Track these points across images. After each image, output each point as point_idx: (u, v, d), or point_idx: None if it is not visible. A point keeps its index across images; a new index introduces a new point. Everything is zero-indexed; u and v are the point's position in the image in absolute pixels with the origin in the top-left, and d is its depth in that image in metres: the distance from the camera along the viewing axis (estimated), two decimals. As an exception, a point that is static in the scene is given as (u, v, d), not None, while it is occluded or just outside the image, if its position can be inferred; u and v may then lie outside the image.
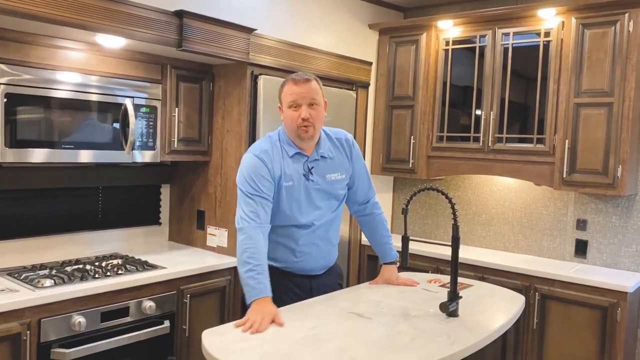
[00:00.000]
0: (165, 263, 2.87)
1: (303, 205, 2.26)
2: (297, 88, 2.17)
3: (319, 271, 2.41)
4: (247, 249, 2.08)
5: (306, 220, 2.28)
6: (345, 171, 2.38)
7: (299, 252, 2.31)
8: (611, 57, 3.11)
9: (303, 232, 2.29)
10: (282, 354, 1.68)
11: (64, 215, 3.00)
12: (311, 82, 2.20)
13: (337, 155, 2.36)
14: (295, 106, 2.18)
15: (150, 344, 2.66)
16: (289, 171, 2.22)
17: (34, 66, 2.45)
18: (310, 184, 2.26)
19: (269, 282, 2.05)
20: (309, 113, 2.17)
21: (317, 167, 2.29)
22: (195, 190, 3.38)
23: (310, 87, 2.18)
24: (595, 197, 3.50)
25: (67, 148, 2.58)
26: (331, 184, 2.32)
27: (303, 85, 2.17)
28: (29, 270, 2.60)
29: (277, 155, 2.22)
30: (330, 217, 2.37)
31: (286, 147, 2.25)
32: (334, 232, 2.44)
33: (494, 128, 3.57)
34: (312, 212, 2.29)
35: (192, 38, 2.71)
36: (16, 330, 2.18)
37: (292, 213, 2.25)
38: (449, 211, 4.13)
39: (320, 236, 2.35)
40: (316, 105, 2.20)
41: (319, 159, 2.30)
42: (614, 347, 3.02)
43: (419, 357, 1.71)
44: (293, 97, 2.18)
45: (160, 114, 2.94)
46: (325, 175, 2.31)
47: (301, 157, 2.26)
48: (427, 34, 3.84)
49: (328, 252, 2.43)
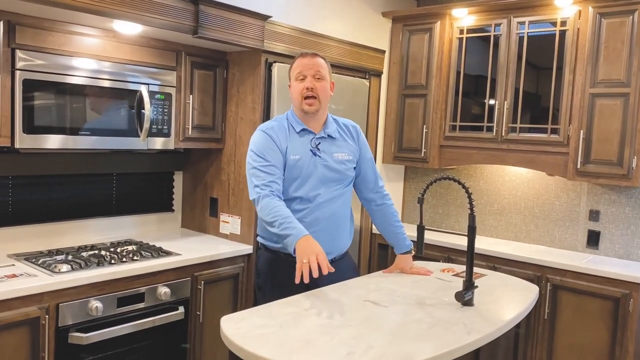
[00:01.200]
0: (180, 250, 2.89)
1: (310, 179, 2.31)
2: (304, 60, 2.29)
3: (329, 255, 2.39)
4: (269, 212, 2.13)
5: (312, 194, 2.31)
6: (352, 153, 2.44)
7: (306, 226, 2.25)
8: (628, 47, 3.08)
9: (308, 206, 2.31)
10: (300, 341, 1.70)
11: (78, 201, 3.02)
12: (318, 57, 2.32)
13: (343, 137, 2.44)
14: (302, 78, 2.28)
15: (165, 329, 2.68)
16: (295, 145, 2.30)
17: (51, 52, 2.45)
18: (317, 159, 2.32)
19: (301, 226, 2.10)
20: (314, 84, 2.27)
21: (324, 144, 2.36)
22: (208, 178, 3.39)
23: (317, 61, 2.30)
24: (609, 188, 3.48)
25: (84, 134, 2.59)
26: (339, 162, 2.38)
27: (310, 59, 2.29)
28: (45, 256, 2.62)
29: (283, 131, 2.31)
30: (334, 195, 2.38)
31: (293, 124, 2.34)
32: (342, 214, 2.43)
33: (507, 118, 3.55)
34: (317, 187, 2.32)
35: (208, 25, 2.71)
36: (35, 314, 2.21)
37: (299, 186, 2.29)
38: (459, 200, 4.13)
39: (325, 214, 2.35)
40: (322, 79, 2.30)
41: (326, 137, 2.37)
42: (626, 338, 3.03)
43: (436, 345, 1.72)
44: (300, 68, 2.28)
45: (175, 101, 2.95)
46: (333, 153, 2.37)
47: (308, 134, 2.34)
48: (441, 22, 3.81)
49: (334, 234, 2.40)
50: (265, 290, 2.42)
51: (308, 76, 2.27)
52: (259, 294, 2.48)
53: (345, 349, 1.65)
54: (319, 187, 2.33)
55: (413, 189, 4.39)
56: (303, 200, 2.31)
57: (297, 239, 2.05)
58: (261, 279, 2.45)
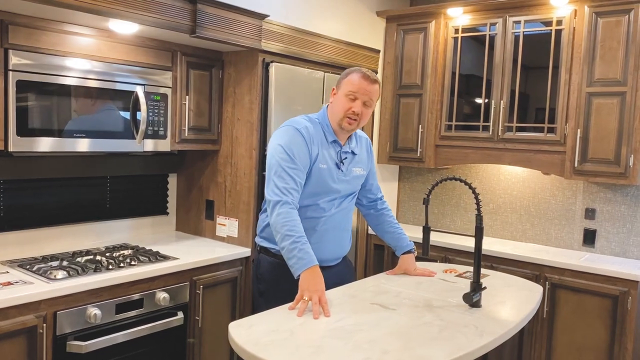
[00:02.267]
0: (177, 254, 2.83)
1: (330, 190, 2.30)
2: (363, 82, 2.22)
3: (333, 261, 2.40)
4: (286, 223, 2.08)
5: (329, 205, 2.32)
6: (365, 168, 2.48)
7: (317, 236, 2.30)
8: (624, 46, 3.10)
9: (324, 215, 2.32)
10: (313, 347, 1.66)
11: (72, 205, 2.94)
12: (377, 85, 2.27)
13: (361, 152, 2.45)
14: (353, 97, 2.22)
15: (165, 335, 2.62)
16: (325, 155, 2.27)
17: (45, 52, 2.37)
18: (340, 173, 2.32)
19: (312, 252, 2.06)
20: (362, 110, 2.23)
21: (348, 158, 2.36)
22: (203, 180, 3.33)
23: (374, 89, 2.26)
24: (604, 187, 3.50)
25: (79, 137, 2.52)
26: (355, 177, 2.41)
27: (370, 84, 2.23)
28: (40, 262, 2.54)
29: (318, 136, 2.26)
30: (346, 206, 2.43)
31: (326, 132, 2.30)
32: (347, 223, 2.48)
33: (503, 117, 3.55)
34: (334, 199, 2.34)
35: (206, 24, 2.65)
36: (32, 323, 2.13)
37: (320, 195, 2.28)
38: (454, 200, 4.12)
39: (337, 223, 2.39)
40: (369, 106, 2.27)
41: (349, 152, 2.37)
42: (625, 336, 3.04)
43: (451, 348, 1.70)
44: (355, 88, 2.22)
45: (171, 102, 2.89)
46: (352, 168, 2.38)
47: (336, 146, 2.32)
48: (436, 21, 3.80)
49: (342, 240, 2.46)
50: (268, 296, 2.36)
51: (359, 99, 2.22)
52: (260, 300, 2.41)
53: (361, 355, 1.62)
54: (335, 199, 2.34)
55: (407, 189, 4.37)
56: (319, 209, 2.30)
57: (306, 267, 2.02)
58: (264, 285, 2.39)
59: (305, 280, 2.00)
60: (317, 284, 1.99)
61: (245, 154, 3.08)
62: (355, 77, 2.23)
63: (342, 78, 2.29)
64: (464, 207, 4.09)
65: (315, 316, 1.88)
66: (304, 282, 2.00)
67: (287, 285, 2.28)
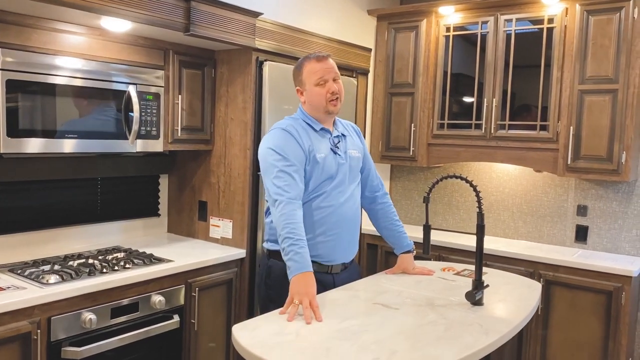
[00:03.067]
0: (171, 256, 2.78)
1: (334, 177, 2.26)
2: (321, 64, 2.23)
3: (342, 260, 2.35)
4: (287, 224, 2.05)
5: (335, 192, 2.26)
6: (359, 150, 2.43)
7: (328, 230, 2.25)
8: (616, 43, 3.12)
9: (333, 204, 2.26)
10: (321, 349, 1.63)
11: (62, 207, 2.87)
12: (330, 58, 2.27)
13: (351, 135, 2.42)
14: (323, 82, 2.22)
15: (161, 339, 2.57)
16: (320, 144, 2.25)
17: (36, 51, 2.31)
18: (338, 158, 2.29)
19: (309, 257, 2.04)
20: (337, 87, 2.24)
21: (341, 142, 2.34)
22: (196, 181, 3.28)
23: (331, 63, 2.26)
24: (596, 183, 3.53)
25: (70, 137, 2.45)
26: (353, 159, 2.36)
27: (326, 62, 2.24)
28: (31, 266, 2.48)
29: (303, 130, 2.24)
30: (354, 196, 2.36)
31: (311, 123, 2.28)
32: (357, 217, 2.39)
33: (496, 115, 3.56)
34: (339, 185, 2.28)
35: (200, 22, 2.61)
36: (26, 329, 2.07)
37: (326, 184, 2.24)
38: (446, 199, 4.13)
39: (348, 216, 2.31)
40: (339, 79, 2.27)
41: (340, 135, 2.35)
42: (619, 331, 3.07)
43: (459, 348, 1.69)
44: (320, 73, 2.22)
45: (163, 102, 2.84)
46: (347, 150, 2.34)
47: (326, 133, 2.30)
48: (428, 20, 3.80)
49: (351, 239, 2.37)
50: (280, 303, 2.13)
51: (329, 80, 2.22)
52: (270, 306, 2.19)
53: (370, 355, 1.59)
54: (340, 185, 2.28)
55: (399, 188, 4.37)
56: (329, 197, 2.24)
57: (299, 272, 1.98)
58: (274, 291, 2.26)
59: (296, 283, 1.96)
60: (308, 287, 1.95)
61: (239, 154, 3.04)
62: (312, 64, 2.23)
63: (298, 74, 2.27)
64: (456, 206, 4.09)
65: (307, 321, 1.83)
66: (294, 286, 1.96)
67: None
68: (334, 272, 2.31)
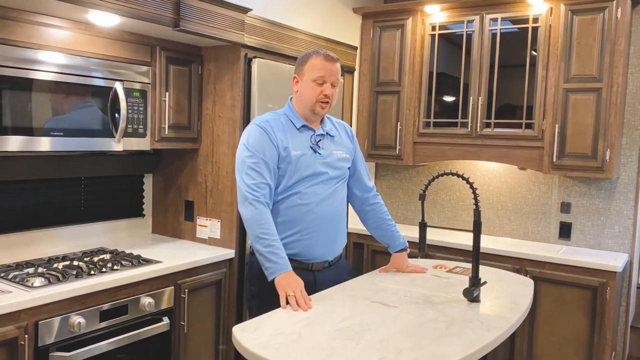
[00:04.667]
0: (158, 257, 2.71)
1: (311, 176, 2.24)
2: (328, 64, 2.20)
3: (324, 258, 2.32)
4: (260, 225, 2.08)
5: (312, 191, 2.24)
6: (348, 151, 2.41)
7: (304, 229, 2.23)
8: (600, 43, 3.17)
9: (311, 202, 2.23)
10: (327, 349, 1.61)
11: (44, 208, 2.78)
12: (339, 63, 2.25)
13: (339, 135, 2.40)
14: (322, 82, 2.20)
15: (150, 342, 2.51)
16: (297, 142, 2.23)
17: (19, 45, 2.23)
18: (318, 157, 2.26)
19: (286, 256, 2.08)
20: (331, 91, 2.22)
21: (323, 141, 2.31)
22: (182, 180, 3.22)
23: (338, 68, 2.24)
24: (579, 181, 3.59)
25: (55, 135, 2.37)
26: (338, 160, 2.34)
27: (334, 64, 2.22)
28: (14, 269, 2.38)
29: (281, 126, 2.23)
30: (333, 193, 2.31)
31: (293, 120, 2.27)
32: (338, 217, 2.36)
33: (482, 113, 3.58)
34: (319, 186, 2.26)
35: (189, 17, 2.55)
36: (12, 334, 1.99)
37: (302, 181, 2.22)
38: (432, 197, 4.14)
39: (327, 215, 2.28)
40: (336, 86, 2.26)
41: (325, 134, 2.33)
42: (604, 325, 3.12)
43: (463, 345, 1.68)
44: (322, 72, 2.19)
45: (150, 99, 2.77)
46: (332, 151, 2.32)
47: (308, 131, 2.28)
48: (413, 18, 3.81)
49: (333, 237, 2.34)
50: (261, 298, 2.29)
51: (328, 82, 2.20)
52: (252, 302, 2.34)
53: (376, 355, 1.58)
54: (318, 184, 2.26)
55: (385, 187, 4.36)
56: (304, 195, 2.23)
57: (280, 272, 2.03)
58: (256, 287, 2.30)
59: (282, 280, 2.01)
60: (296, 281, 2.01)
61: (227, 152, 2.99)
62: (318, 60, 2.19)
63: (302, 64, 2.23)
64: (442, 204, 4.11)
65: (303, 308, 1.91)
66: (281, 282, 2.01)
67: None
68: (315, 269, 2.28)
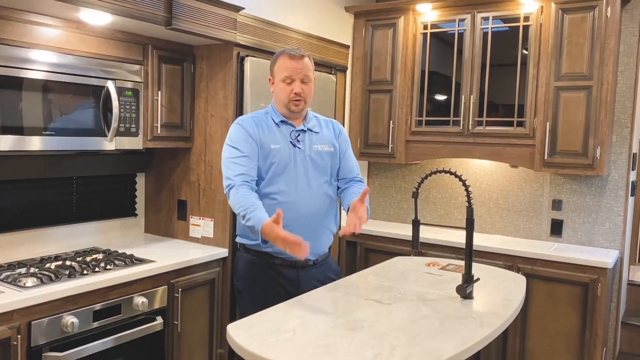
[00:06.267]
0: (151, 256, 2.71)
1: (290, 169, 2.25)
2: (292, 63, 2.22)
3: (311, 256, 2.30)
4: (239, 202, 2.10)
5: (293, 191, 2.23)
6: (332, 145, 2.39)
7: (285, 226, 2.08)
8: (590, 41, 3.20)
9: (290, 200, 2.21)
10: (321, 346, 1.61)
11: (36, 208, 2.76)
12: (305, 59, 2.26)
13: (323, 131, 2.40)
14: (290, 81, 2.23)
15: (144, 341, 2.50)
16: (275, 136, 2.27)
17: (10, 44, 2.21)
18: (297, 150, 2.28)
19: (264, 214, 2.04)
20: (302, 88, 2.24)
21: (303, 136, 2.32)
22: (175, 179, 3.21)
23: (305, 63, 2.24)
24: (570, 178, 3.62)
25: (46, 134, 2.36)
26: (319, 154, 2.33)
27: (298, 61, 2.23)
28: (6, 269, 2.37)
29: (260, 122, 2.28)
30: (319, 191, 2.29)
31: (273, 116, 2.31)
32: (325, 214, 2.32)
33: (473, 111, 3.60)
34: (298, 182, 2.25)
35: (182, 16, 2.55)
36: (5, 335, 1.98)
37: (282, 175, 2.23)
38: (424, 195, 4.16)
39: (305, 212, 2.24)
40: (308, 82, 2.27)
41: (306, 130, 2.34)
42: (595, 321, 3.15)
43: (457, 341, 1.69)
44: (288, 71, 2.22)
45: (143, 98, 2.76)
46: (312, 145, 2.33)
47: (288, 126, 2.31)
48: (405, 17, 3.82)
49: (316, 233, 2.27)
50: (245, 293, 2.32)
51: (296, 80, 2.22)
52: (238, 297, 2.38)
53: (371, 351, 1.58)
54: (298, 180, 2.25)
55: (377, 185, 4.38)
56: (283, 193, 2.22)
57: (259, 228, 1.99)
58: (241, 282, 2.33)
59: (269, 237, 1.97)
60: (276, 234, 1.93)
61: (220, 151, 2.87)
62: (283, 60, 2.24)
63: (272, 65, 2.30)
64: (434, 202, 4.13)
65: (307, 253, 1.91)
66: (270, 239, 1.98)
67: (261, 281, 2.27)
68: (298, 267, 2.28)
